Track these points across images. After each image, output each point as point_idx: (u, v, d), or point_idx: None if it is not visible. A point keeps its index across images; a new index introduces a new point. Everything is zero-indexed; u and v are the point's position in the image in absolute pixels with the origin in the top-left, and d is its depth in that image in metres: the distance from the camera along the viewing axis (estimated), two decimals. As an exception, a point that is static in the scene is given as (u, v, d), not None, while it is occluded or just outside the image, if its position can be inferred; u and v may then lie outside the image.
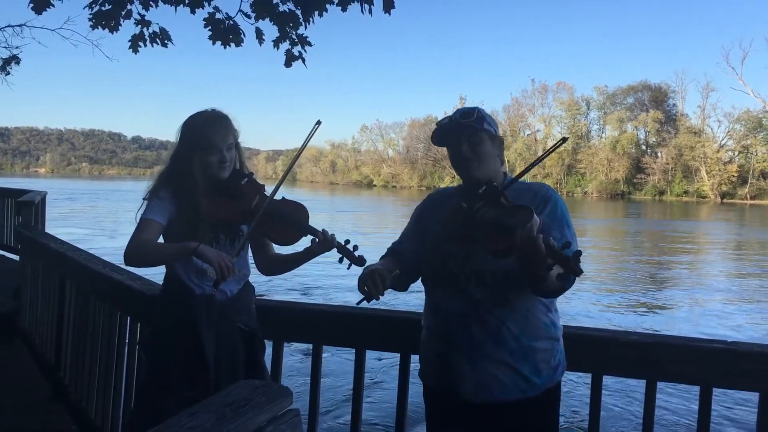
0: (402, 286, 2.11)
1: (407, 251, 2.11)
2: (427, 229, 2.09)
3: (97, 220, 25.89)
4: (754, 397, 2.02)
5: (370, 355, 2.47)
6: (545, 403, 1.95)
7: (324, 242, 2.22)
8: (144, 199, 2.25)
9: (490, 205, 1.82)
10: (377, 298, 1.86)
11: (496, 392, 1.90)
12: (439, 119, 2.07)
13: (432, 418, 2.09)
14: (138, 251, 2.13)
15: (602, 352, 2.13)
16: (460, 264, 1.94)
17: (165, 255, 2.21)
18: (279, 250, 2.45)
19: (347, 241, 2.26)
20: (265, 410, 1.17)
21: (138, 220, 2.19)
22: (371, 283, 1.85)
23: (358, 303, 1.92)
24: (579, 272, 1.58)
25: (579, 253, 1.58)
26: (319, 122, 2.28)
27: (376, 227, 25.25)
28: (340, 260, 2.27)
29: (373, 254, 2.18)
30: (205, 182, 2.22)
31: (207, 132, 2.20)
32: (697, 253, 20.42)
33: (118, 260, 2.94)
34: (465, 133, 1.97)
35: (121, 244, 2.20)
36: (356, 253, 2.25)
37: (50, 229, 7.89)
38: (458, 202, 1.94)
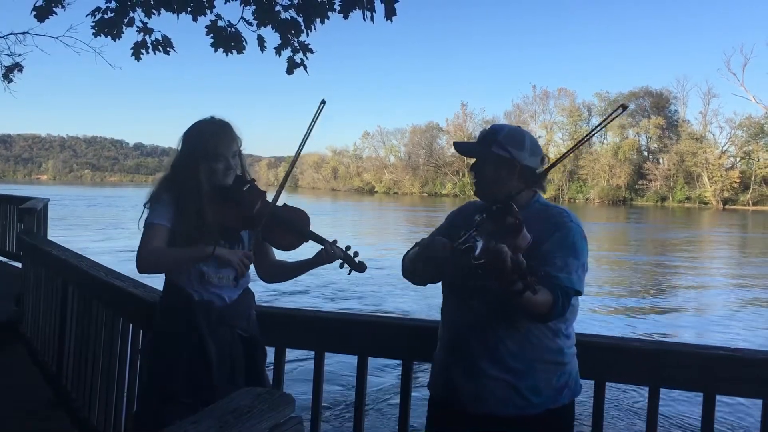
0: (422, 281, 2.08)
1: None
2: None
3: (100, 225, 25.94)
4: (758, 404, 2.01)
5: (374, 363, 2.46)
6: (547, 423, 1.90)
7: (327, 255, 2.25)
8: (145, 205, 2.24)
9: (491, 221, 1.79)
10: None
11: (493, 406, 1.89)
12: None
13: (432, 426, 2.09)
14: (152, 259, 2.14)
15: (605, 358, 2.13)
16: (465, 276, 1.93)
17: (181, 260, 2.19)
18: (279, 255, 2.45)
19: (348, 247, 2.28)
20: (268, 418, 1.17)
21: (143, 226, 2.19)
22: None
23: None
24: (535, 291, 1.53)
25: (546, 273, 1.58)
26: (323, 102, 2.28)
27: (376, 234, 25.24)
28: (341, 266, 2.27)
29: (373, 261, 2.19)
30: (209, 189, 2.22)
31: (213, 141, 2.22)
32: (701, 259, 20.38)
33: (114, 260, 2.94)
34: (474, 153, 2.04)
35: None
36: (357, 260, 2.26)
37: (48, 231, 7.89)
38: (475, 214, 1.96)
